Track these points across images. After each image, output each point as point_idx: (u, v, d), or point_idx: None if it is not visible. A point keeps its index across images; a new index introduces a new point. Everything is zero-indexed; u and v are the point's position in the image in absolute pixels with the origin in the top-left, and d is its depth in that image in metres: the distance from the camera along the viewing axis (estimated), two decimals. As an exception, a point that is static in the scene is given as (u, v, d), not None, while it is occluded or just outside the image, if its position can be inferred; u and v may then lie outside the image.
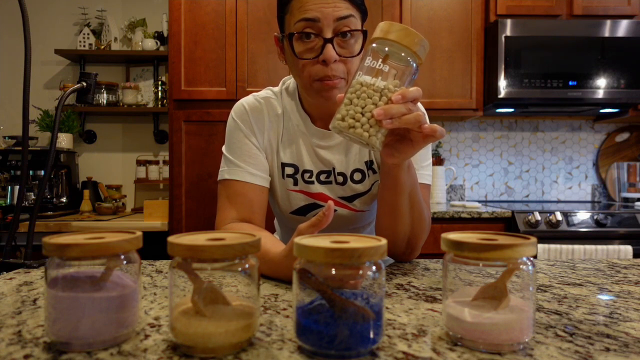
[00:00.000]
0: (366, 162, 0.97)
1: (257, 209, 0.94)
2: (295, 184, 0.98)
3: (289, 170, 0.98)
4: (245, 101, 0.99)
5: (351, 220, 1.01)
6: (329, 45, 0.80)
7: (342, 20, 0.80)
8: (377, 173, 0.97)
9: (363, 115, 0.60)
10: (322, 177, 0.97)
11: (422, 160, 0.96)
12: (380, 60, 0.61)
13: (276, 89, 1.01)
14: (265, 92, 1.01)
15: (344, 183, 0.97)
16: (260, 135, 0.96)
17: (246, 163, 0.94)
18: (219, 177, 0.96)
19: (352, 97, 0.62)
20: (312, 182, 0.97)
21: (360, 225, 1.05)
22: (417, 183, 0.83)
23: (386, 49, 0.61)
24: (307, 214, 0.99)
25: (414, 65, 0.62)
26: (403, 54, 0.61)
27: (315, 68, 0.83)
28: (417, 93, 0.61)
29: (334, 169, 0.97)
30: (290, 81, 1.01)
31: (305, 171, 0.97)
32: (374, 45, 0.62)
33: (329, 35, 0.80)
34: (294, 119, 0.97)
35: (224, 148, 0.97)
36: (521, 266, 0.44)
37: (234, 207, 0.93)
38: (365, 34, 0.84)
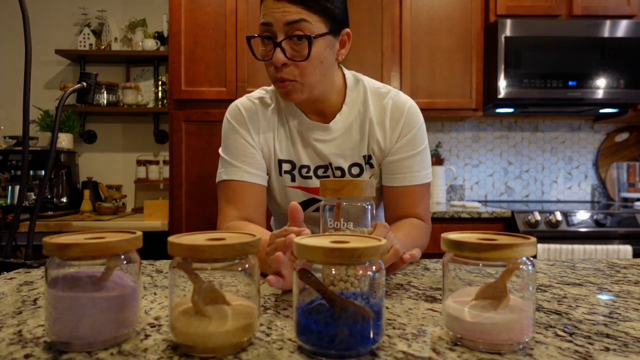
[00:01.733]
0: (364, 156, 0.97)
1: (257, 207, 0.94)
2: (293, 180, 0.98)
3: (286, 167, 0.98)
4: (239, 102, 1.00)
5: None
6: (277, 49, 0.82)
7: (292, 24, 0.81)
8: (375, 167, 0.98)
9: (349, 276, 0.57)
10: (320, 172, 0.98)
11: (422, 161, 0.96)
12: (342, 218, 0.61)
13: (270, 87, 1.03)
14: (258, 92, 1.02)
15: (342, 177, 0.97)
16: (256, 135, 0.97)
17: (243, 163, 0.94)
18: (217, 179, 0.96)
19: None
20: (310, 177, 0.98)
21: None
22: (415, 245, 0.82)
23: (339, 199, 0.62)
24: (306, 210, 0.99)
25: (370, 204, 0.63)
26: (359, 204, 0.62)
27: (270, 70, 0.87)
28: (384, 230, 0.63)
29: (330, 163, 0.97)
30: None
31: (302, 166, 0.98)
32: (325, 204, 0.63)
33: (280, 39, 0.82)
34: (289, 115, 0.98)
35: (220, 150, 0.98)
36: (521, 266, 0.44)
37: (234, 207, 0.93)
38: (309, 39, 0.81)
